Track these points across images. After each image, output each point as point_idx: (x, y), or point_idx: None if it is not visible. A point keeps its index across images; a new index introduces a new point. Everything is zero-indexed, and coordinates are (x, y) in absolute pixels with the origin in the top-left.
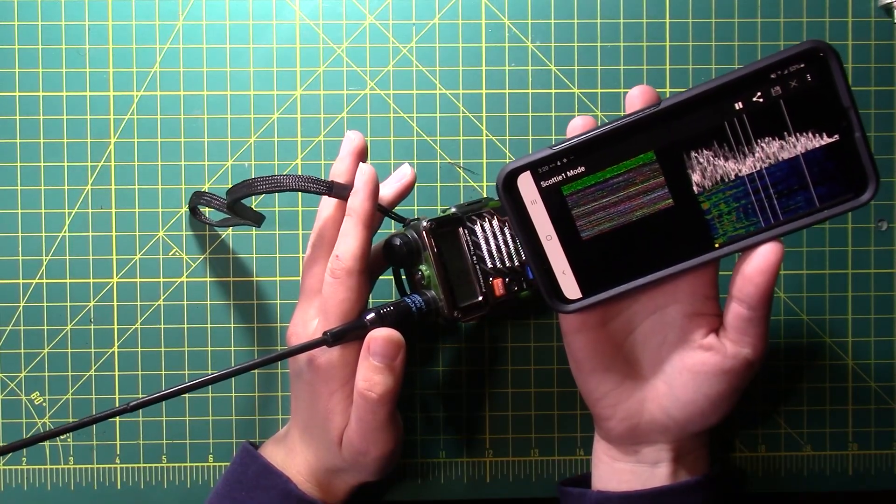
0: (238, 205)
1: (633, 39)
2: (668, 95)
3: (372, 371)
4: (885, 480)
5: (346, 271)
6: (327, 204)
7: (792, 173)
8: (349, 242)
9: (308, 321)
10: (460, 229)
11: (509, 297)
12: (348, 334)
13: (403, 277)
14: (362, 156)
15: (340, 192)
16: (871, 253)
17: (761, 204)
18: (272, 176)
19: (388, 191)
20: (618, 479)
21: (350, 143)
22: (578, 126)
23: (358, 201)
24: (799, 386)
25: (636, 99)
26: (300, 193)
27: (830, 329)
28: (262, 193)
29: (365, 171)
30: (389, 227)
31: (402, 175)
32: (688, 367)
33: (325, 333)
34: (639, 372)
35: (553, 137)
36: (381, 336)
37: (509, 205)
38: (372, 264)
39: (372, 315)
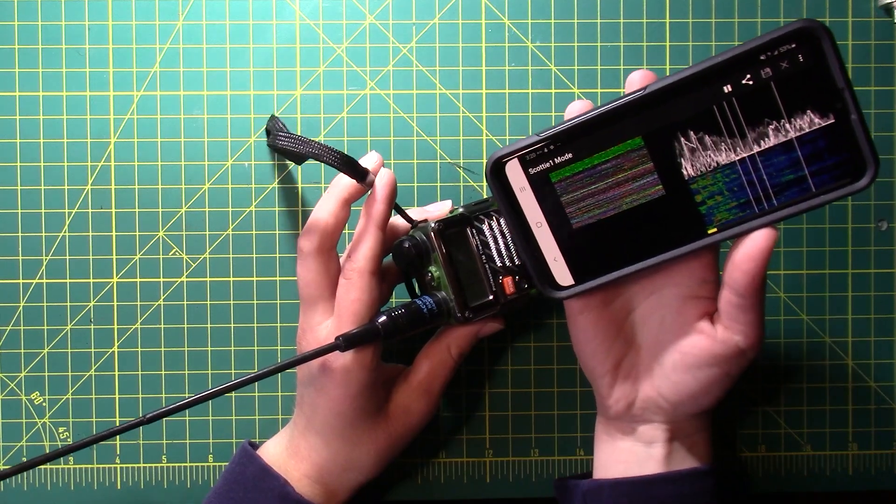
0: (279, 146)
1: (633, 39)
2: None
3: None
4: (885, 480)
5: (358, 272)
6: (323, 208)
7: (786, 157)
8: (362, 244)
9: (315, 326)
10: (468, 229)
11: (520, 295)
12: (361, 339)
13: (414, 280)
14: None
15: (369, 182)
16: (871, 253)
17: (754, 189)
18: (319, 143)
19: (421, 215)
20: (616, 459)
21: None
22: (576, 110)
23: (374, 204)
24: (799, 386)
25: (636, 84)
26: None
27: (830, 329)
28: (295, 157)
29: (384, 175)
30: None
31: (441, 207)
32: (679, 350)
33: (337, 338)
34: (636, 351)
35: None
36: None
37: (498, 192)
38: (387, 273)
39: (384, 318)
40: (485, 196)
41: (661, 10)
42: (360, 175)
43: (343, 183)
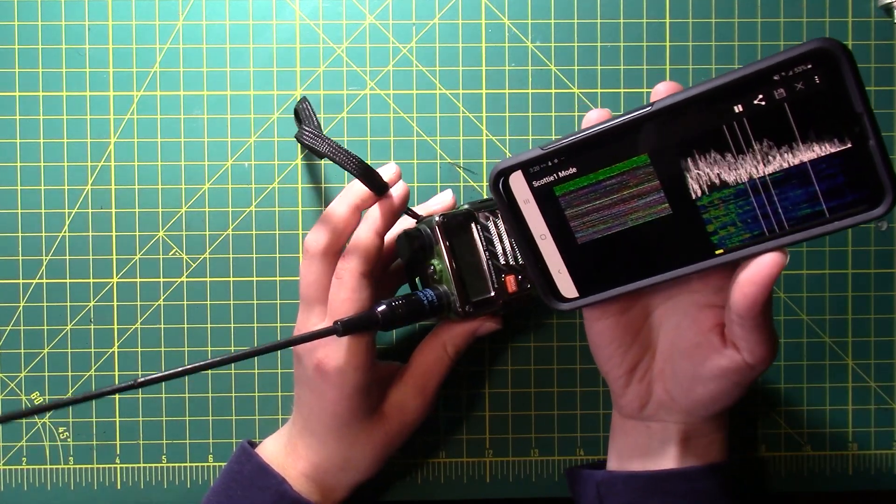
0: (303, 142)
1: (633, 39)
2: None
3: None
4: (885, 480)
5: (350, 272)
6: (334, 211)
7: (798, 181)
8: (359, 246)
9: (310, 327)
10: (473, 225)
11: (522, 294)
12: (359, 325)
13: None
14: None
15: (385, 196)
16: (871, 253)
17: (764, 211)
18: (341, 147)
19: (423, 211)
20: (630, 454)
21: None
22: (593, 118)
23: (380, 213)
24: (799, 386)
25: (661, 95)
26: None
27: (830, 329)
28: (318, 155)
29: (399, 188)
30: None
31: (442, 199)
32: (690, 359)
33: (335, 322)
34: (652, 355)
35: (553, 137)
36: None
37: (501, 203)
38: (392, 276)
39: (383, 307)
40: (484, 195)
41: (661, 10)
42: (378, 188)
43: (357, 189)
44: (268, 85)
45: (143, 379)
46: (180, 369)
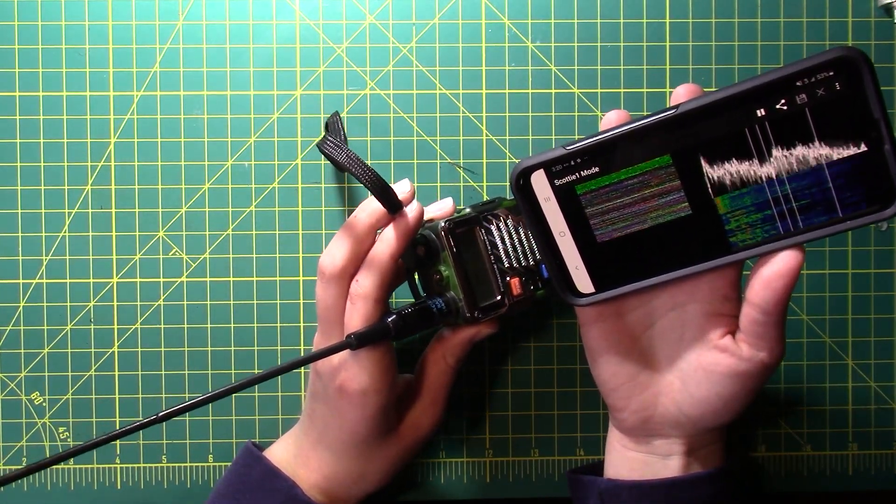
0: (324, 152)
1: (633, 39)
2: (668, 95)
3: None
4: (885, 480)
5: (363, 299)
6: (349, 232)
7: (814, 182)
8: (373, 271)
9: None
10: (477, 229)
11: (526, 297)
12: (372, 337)
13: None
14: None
15: (399, 214)
16: (871, 253)
17: (781, 211)
18: (359, 159)
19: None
20: (629, 469)
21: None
22: (612, 119)
23: (395, 235)
24: (799, 386)
25: (681, 98)
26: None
27: (830, 329)
28: (337, 165)
29: (414, 209)
30: None
31: (443, 206)
32: (702, 366)
33: (348, 336)
34: (655, 366)
35: (553, 138)
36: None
37: (523, 201)
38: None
39: (394, 317)
40: (485, 197)
41: (661, 10)
42: (393, 206)
43: (373, 207)
44: (268, 85)
45: (163, 413)
46: (202, 398)
